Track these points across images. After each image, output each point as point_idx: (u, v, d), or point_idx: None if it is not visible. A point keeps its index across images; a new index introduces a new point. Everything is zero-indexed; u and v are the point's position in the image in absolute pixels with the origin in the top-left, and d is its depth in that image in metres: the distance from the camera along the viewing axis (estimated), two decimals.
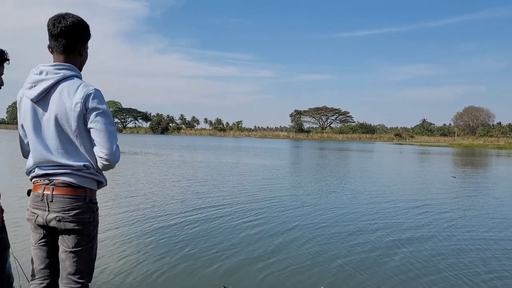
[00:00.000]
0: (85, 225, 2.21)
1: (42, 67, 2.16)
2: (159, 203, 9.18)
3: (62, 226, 2.16)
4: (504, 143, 78.33)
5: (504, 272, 5.18)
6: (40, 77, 2.12)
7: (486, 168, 23.56)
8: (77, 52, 2.23)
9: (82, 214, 2.19)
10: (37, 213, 2.20)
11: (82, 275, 2.25)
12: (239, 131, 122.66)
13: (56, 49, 2.18)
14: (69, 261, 2.21)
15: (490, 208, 9.79)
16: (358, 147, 54.51)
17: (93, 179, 2.25)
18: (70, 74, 2.16)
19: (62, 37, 2.15)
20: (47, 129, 2.15)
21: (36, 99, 2.12)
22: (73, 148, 2.17)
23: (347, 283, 4.69)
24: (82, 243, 2.22)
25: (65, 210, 2.15)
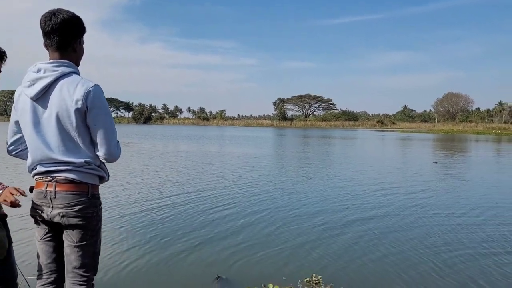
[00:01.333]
0: (89, 220, 2.23)
1: (39, 65, 2.15)
2: (145, 193, 9.14)
3: (66, 222, 2.19)
4: (483, 128, 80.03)
5: (463, 250, 5.33)
6: (38, 75, 2.11)
7: (465, 154, 24.03)
8: (71, 49, 2.21)
9: (85, 209, 2.21)
10: (41, 210, 2.23)
11: (87, 269, 2.30)
12: (222, 120, 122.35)
13: (50, 46, 2.17)
14: (74, 256, 2.25)
15: (464, 192, 10.01)
16: (341, 134, 54.96)
17: (95, 174, 2.27)
18: (68, 71, 2.15)
19: (54, 34, 2.13)
20: (47, 127, 2.14)
21: (35, 97, 2.11)
22: (74, 144, 2.17)
23: (339, 268, 4.77)
24: (86, 238, 2.25)
25: (68, 206, 2.17)
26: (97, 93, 2.13)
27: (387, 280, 4.46)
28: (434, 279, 4.49)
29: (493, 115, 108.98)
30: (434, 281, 4.43)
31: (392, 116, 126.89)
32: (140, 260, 4.96)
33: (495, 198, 9.19)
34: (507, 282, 4.44)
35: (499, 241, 5.89)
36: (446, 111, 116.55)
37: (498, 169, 15.77)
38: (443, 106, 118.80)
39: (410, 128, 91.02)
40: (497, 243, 5.79)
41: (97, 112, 2.13)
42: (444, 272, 4.67)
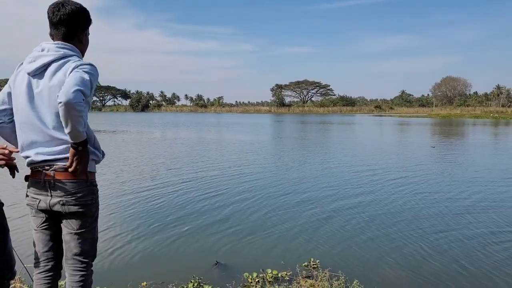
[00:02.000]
0: (88, 207, 2.24)
1: (44, 45, 2.15)
2: (141, 180, 9.14)
3: (66, 210, 2.18)
4: (480, 112, 79.99)
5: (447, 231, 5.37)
6: (41, 53, 2.12)
7: (462, 138, 24.08)
8: (77, 39, 2.22)
9: (85, 197, 2.21)
10: (39, 199, 2.21)
11: (87, 255, 2.31)
12: (220, 106, 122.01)
13: (56, 36, 2.17)
14: (74, 243, 2.26)
15: (455, 175, 10.06)
16: (338, 120, 54.92)
17: (92, 159, 2.24)
18: (70, 54, 2.14)
19: (61, 25, 2.14)
20: (41, 102, 2.12)
21: (33, 73, 2.10)
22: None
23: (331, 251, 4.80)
24: (86, 225, 2.26)
25: (68, 194, 2.16)
26: (86, 65, 2.07)
27: (384, 264, 4.50)
28: (420, 261, 4.53)
29: (490, 99, 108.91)
30: (420, 263, 4.47)
31: (390, 101, 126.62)
32: (139, 246, 4.98)
33: (485, 181, 9.25)
34: (489, 262, 4.51)
35: (485, 223, 5.97)
36: (444, 96, 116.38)
37: (492, 153, 15.83)
38: (441, 91, 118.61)
39: (408, 113, 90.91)
40: (483, 225, 5.87)
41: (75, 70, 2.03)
42: (429, 253, 4.72)
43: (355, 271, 4.26)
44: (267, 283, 3.91)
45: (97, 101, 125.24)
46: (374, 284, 3.84)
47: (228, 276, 4.12)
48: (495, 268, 4.37)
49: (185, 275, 4.04)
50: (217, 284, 3.89)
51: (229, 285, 3.85)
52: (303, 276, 4.03)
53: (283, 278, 4.06)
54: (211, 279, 4.01)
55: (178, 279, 3.96)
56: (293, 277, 4.04)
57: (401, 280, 4.10)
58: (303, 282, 3.85)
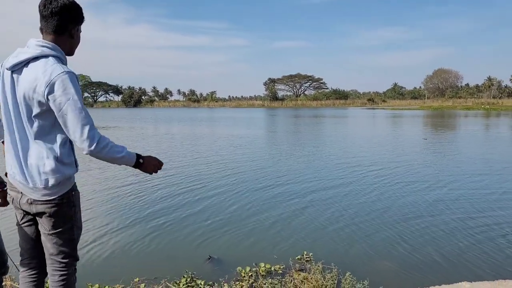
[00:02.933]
0: (60, 207, 2.13)
1: (30, 41, 2.11)
2: (132, 176, 9.10)
3: (33, 210, 2.11)
4: (472, 103, 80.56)
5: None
6: (24, 49, 2.07)
7: (454, 129, 24.22)
8: (68, 34, 2.15)
9: (53, 199, 2.12)
10: (12, 195, 2.19)
11: (65, 256, 2.23)
12: (213, 101, 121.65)
13: (46, 29, 2.11)
14: (49, 243, 2.18)
15: (438, 166, 10.13)
16: (331, 113, 54.99)
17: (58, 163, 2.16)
18: (48, 53, 2.05)
19: (52, 18, 2.08)
20: (15, 104, 2.06)
21: (11, 68, 2.04)
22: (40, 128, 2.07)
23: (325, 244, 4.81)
24: (59, 225, 2.16)
25: (32, 195, 2.09)
26: (65, 80, 1.97)
27: (375, 255, 4.52)
28: (410, 251, 4.56)
29: (482, 91, 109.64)
30: (411, 254, 4.51)
31: (382, 94, 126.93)
32: (131, 242, 4.96)
33: (467, 170, 9.34)
34: (453, 248, 4.54)
35: (457, 212, 6.07)
36: (436, 88, 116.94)
37: (481, 143, 15.90)
38: (432, 83, 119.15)
39: (400, 105, 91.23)
40: (454, 213, 5.97)
41: (61, 100, 1.96)
42: (419, 244, 4.75)
43: (348, 263, 4.28)
44: (260, 277, 3.91)
45: (88, 97, 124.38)
46: (366, 275, 3.86)
47: (221, 271, 4.12)
48: (483, 254, 4.42)
49: (178, 270, 4.04)
50: (210, 278, 3.88)
51: (222, 279, 3.85)
52: (296, 269, 4.04)
53: (276, 272, 4.07)
54: (204, 274, 4.01)
55: (171, 274, 3.96)
56: (286, 271, 4.06)
57: (391, 270, 4.13)
58: (296, 275, 3.86)
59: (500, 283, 3.63)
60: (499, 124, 28.35)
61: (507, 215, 5.94)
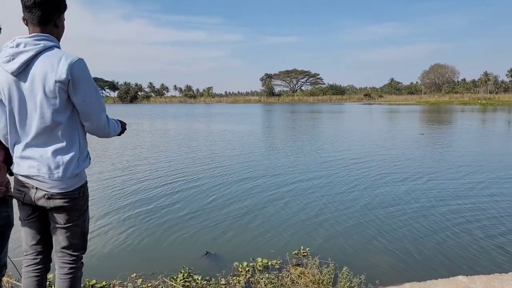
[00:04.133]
0: (75, 200, 2.18)
1: (19, 40, 2.04)
2: (127, 172, 9.08)
3: (50, 204, 2.13)
4: (468, 98, 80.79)
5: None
6: (18, 49, 2.01)
7: (450, 124, 24.28)
8: (53, 24, 2.12)
9: (71, 191, 2.16)
10: (24, 191, 2.16)
11: (76, 248, 2.28)
12: (210, 97, 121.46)
13: (31, 21, 2.07)
14: (62, 236, 2.22)
15: (426, 161, 10.16)
16: (328, 108, 55.03)
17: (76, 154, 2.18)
18: (50, 45, 2.05)
19: (36, 8, 2.04)
20: (32, 103, 2.04)
21: (16, 72, 2.00)
22: (56, 120, 2.07)
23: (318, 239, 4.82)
24: (73, 218, 2.21)
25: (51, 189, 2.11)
26: (82, 66, 2.04)
27: (372, 250, 4.54)
28: (405, 245, 4.57)
29: (478, 86, 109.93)
30: (406, 248, 4.52)
31: (379, 89, 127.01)
32: (128, 238, 4.95)
33: (467, 165, 9.38)
34: (449, 243, 4.57)
35: (454, 207, 6.09)
36: (433, 83, 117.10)
37: (474, 138, 15.96)
38: (429, 78, 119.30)
39: (397, 100, 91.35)
40: (451, 208, 5.99)
41: (84, 86, 2.05)
42: (414, 238, 4.77)
43: (344, 258, 4.30)
44: (257, 271, 3.91)
45: None
46: (363, 270, 3.86)
47: (218, 266, 4.12)
48: (479, 248, 4.44)
49: (175, 266, 4.03)
50: (207, 274, 3.88)
51: (219, 274, 3.85)
52: (293, 264, 4.04)
53: (273, 267, 4.07)
54: (201, 269, 4.01)
55: (168, 270, 3.95)
56: (283, 265, 4.06)
57: (388, 265, 4.14)
58: (293, 270, 3.86)
59: (496, 277, 3.65)
60: (495, 119, 28.44)
61: (504, 210, 5.96)
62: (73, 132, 2.13)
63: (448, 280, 3.59)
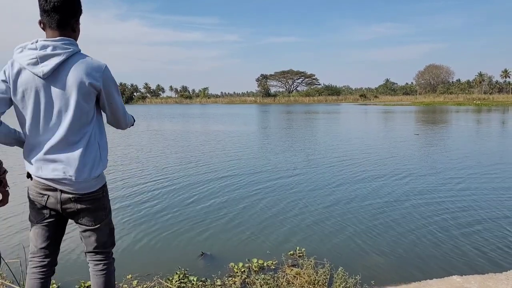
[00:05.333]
0: (100, 200, 2.27)
1: (44, 42, 2.06)
2: (122, 173, 9.05)
3: (78, 206, 2.18)
4: (463, 99, 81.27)
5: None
6: (45, 52, 2.03)
7: (444, 125, 24.38)
8: (70, 28, 2.15)
9: (95, 192, 2.23)
10: (47, 194, 2.17)
11: (107, 246, 2.38)
12: (205, 97, 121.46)
13: (49, 24, 2.09)
14: (93, 237, 2.30)
15: (418, 161, 10.21)
16: (323, 109, 55.14)
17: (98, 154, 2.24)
18: (78, 50, 2.13)
19: (55, 12, 2.07)
20: (62, 105, 2.08)
21: (47, 75, 2.03)
22: (84, 121, 2.15)
23: (315, 239, 4.83)
24: (102, 218, 2.30)
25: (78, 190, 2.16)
26: (109, 71, 2.18)
27: (367, 251, 4.55)
28: (400, 247, 4.60)
29: (473, 86, 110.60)
30: (401, 249, 4.54)
31: (374, 90, 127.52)
32: (123, 239, 4.94)
33: (465, 165, 9.43)
34: (444, 243, 4.59)
35: (449, 207, 6.10)
36: (428, 83, 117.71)
37: (467, 139, 16.05)
38: (424, 79, 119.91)
39: (392, 101, 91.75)
40: (445, 208, 6.00)
41: (113, 90, 2.20)
42: (408, 239, 4.79)
43: (340, 258, 4.31)
44: (253, 272, 3.91)
45: None
46: (359, 270, 3.88)
47: (214, 267, 4.12)
48: (473, 248, 4.47)
49: (171, 267, 4.03)
50: (203, 274, 3.88)
51: (215, 275, 3.84)
52: (288, 265, 4.05)
53: (269, 267, 4.07)
54: (196, 270, 4.00)
55: (164, 271, 3.95)
56: (278, 266, 4.06)
57: (383, 265, 4.15)
58: (288, 270, 3.87)
59: (491, 276, 3.67)
60: (490, 120, 28.59)
61: (499, 210, 6.00)
62: (96, 133, 2.20)
63: (443, 280, 3.61)
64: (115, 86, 2.22)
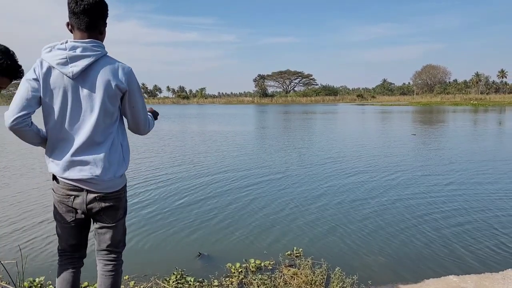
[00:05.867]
0: (121, 199, 2.36)
1: (74, 43, 2.11)
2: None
3: (102, 205, 2.25)
4: (460, 99, 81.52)
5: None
6: (75, 53, 2.08)
7: (441, 125, 24.45)
8: (98, 31, 2.21)
9: (119, 191, 2.32)
10: (74, 195, 2.23)
11: (119, 245, 2.44)
12: (203, 98, 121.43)
13: (78, 26, 2.15)
14: (109, 234, 2.36)
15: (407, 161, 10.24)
16: (321, 109, 55.19)
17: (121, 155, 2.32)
18: (105, 52, 2.19)
19: (84, 15, 2.13)
20: (88, 106, 2.13)
21: (76, 75, 2.08)
22: (109, 123, 2.21)
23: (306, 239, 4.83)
24: (120, 217, 2.38)
25: (104, 189, 2.23)
26: (134, 75, 2.24)
27: (364, 251, 4.55)
28: (396, 246, 4.61)
29: (470, 86, 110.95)
30: (397, 248, 4.55)
31: (371, 90, 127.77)
32: None
33: (463, 166, 9.46)
34: (440, 243, 4.61)
35: (444, 207, 6.10)
36: (425, 84, 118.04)
37: (463, 139, 16.11)
38: (421, 79, 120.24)
39: (389, 101, 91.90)
40: (441, 208, 6.02)
41: (137, 94, 2.26)
42: (404, 238, 4.81)
43: (337, 258, 4.31)
44: (250, 272, 3.91)
45: None
46: (356, 270, 3.88)
47: (211, 267, 4.11)
48: (470, 248, 4.48)
49: (168, 267, 4.03)
50: (200, 275, 3.88)
51: (212, 276, 3.84)
52: (286, 265, 4.05)
53: (266, 268, 4.07)
54: (194, 271, 4.00)
55: (161, 272, 3.94)
56: (276, 266, 4.06)
57: (380, 265, 4.16)
58: (286, 270, 3.87)
59: (487, 276, 3.68)
60: (487, 120, 28.69)
61: (495, 211, 6.02)
62: (119, 135, 2.27)
63: (440, 280, 3.62)
64: (138, 89, 2.28)
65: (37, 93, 2.09)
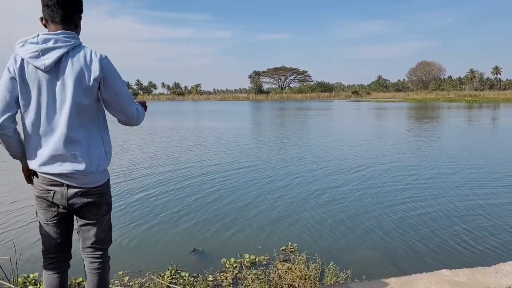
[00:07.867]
0: (105, 195, 2.29)
1: (46, 35, 2.05)
2: (113, 169, 9.00)
3: (84, 200, 2.19)
4: (454, 96, 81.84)
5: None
6: (47, 45, 2.03)
7: (435, 121, 24.55)
8: (73, 24, 2.16)
9: (101, 186, 2.26)
10: (53, 190, 2.16)
11: (104, 242, 2.37)
12: (198, 94, 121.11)
13: (52, 19, 2.09)
14: (92, 231, 2.29)
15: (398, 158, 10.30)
16: (316, 106, 55.23)
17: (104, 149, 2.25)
18: (79, 43, 2.13)
19: (58, 7, 2.08)
20: (62, 99, 2.06)
21: (48, 68, 2.02)
22: (86, 116, 2.13)
23: (308, 237, 4.85)
24: (103, 213, 2.30)
25: (85, 184, 2.18)
26: (109, 62, 2.14)
27: (358, 245, 4.58)
28: (390, 241, 4.64)
29: (464, 83, 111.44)
30: (391, 243, 4.58)
31: (367, 87, 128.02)
32: (115, 235, 4.92)
33: (456, 160, 9.52)
34: (433, 237, 4.65)
35: (437, 202, 6.15)
36: (419, 80, 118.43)
37: (455, 135, 16.20)
38: (416, 75, 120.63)
39: (384, 97, 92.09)
40: (433, 203, 6.06)
41: (116, 80, 2.15)
42: (398, 234, 4.84)
43: (331, 253, 4.33)
44: (244, 268, 3.93)
45: None
46: (350, 265, 3.90)
47: (206, 262, 4.12)
48: (462, 242, 4.52)
49: (162, 263, 4.03)
50: (195, 270, 3.89)
51: (207, 271, 3.85)
52: (280, 260, 4.07)
53: (260, 263, 4.09)
54: (188, 266, 4.01)
55: (155, 267, 3.95)
56: (270, 261, 4.08)
57: (374, 260, 4.19)
58: (280, 265, 3.88)
59: (479, 270, 3.71)
60: (481, 116, 28.84)
61: (489, 206, 6.07)
62: (101, 127, 2.21)
63: (432, 274, 3.64)
64: (117, 76, 2.15)
65: (14, 92, 2.05)
